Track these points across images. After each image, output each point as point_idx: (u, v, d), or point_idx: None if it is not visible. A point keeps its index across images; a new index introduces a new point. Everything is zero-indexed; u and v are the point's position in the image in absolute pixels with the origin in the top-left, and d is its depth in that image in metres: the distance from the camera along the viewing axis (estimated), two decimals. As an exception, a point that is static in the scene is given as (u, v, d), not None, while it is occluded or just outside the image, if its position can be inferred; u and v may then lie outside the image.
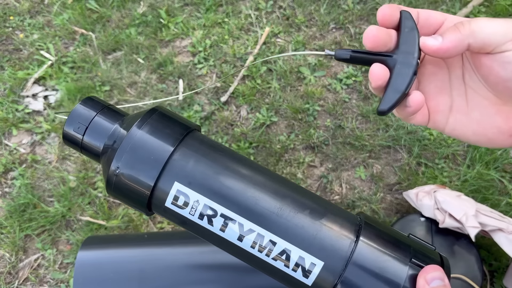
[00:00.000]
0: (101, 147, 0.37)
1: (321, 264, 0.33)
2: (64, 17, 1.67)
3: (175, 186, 0.33)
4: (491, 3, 1.63)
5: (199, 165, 0.34)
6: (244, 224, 0.33)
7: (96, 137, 0.37)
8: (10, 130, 1.45)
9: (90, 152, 0.38)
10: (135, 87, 1.51)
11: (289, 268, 0.33)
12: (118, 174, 0.34)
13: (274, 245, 0.33)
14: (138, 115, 0.36)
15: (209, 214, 0.33)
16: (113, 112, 0.38)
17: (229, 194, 0.34)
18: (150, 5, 1.68)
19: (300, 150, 1.36)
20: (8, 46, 1.64)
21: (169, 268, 0.58)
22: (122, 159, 0.34)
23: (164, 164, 0.33)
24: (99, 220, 1.27)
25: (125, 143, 0.34)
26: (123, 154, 0.34)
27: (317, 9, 1.64)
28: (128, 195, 0.35)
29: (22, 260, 1.24)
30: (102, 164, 0.37)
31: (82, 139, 0.37)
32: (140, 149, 0.34)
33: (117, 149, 0.34)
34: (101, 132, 0.37)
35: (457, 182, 1.28)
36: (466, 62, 0.35)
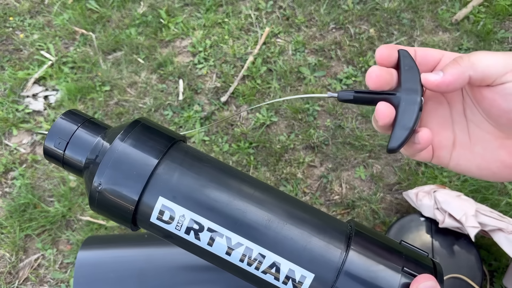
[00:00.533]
0: (83, 161, 0.35)
1: (311, 276, 0.32)
2: (64, 17, 1.67)
3: (159, 201, 0.33)
4: (491, 3, 1.63)
5: (184, 178, 0.33)
6: (232, 237, 0.32)
7: (77, 152, 0.35)
8: (11, 130, 1.45)
9: (72, 167, 0.36)
10: (135, 87, 1.51)
11: (279, 281, 0.33)
12: (100, 191, 0.33)
13: (263, 258, 0.32)
14: (121, 127, 0.35)
15: (195, 228, 0.33)
16: (95, 125, 0.37)
17: (215, 207, 0.33)
18: (150, 5, 1.69)
19: (300, 150, 1.36)
20: (9, 46, 1.64)
21: (169, 268, 0.58)
22: (104, 174, 0.32)
23: (148, 179, 0.32)
24: (99, 220, 1.27)
25: (107, 157, 0.33)
26: (105, 169, 0.32)
27: (317, 9, 1.64)
28: (112, 211, 0.34)
29: (22, 260, 1.24)
30: (85, 179, 0.36)
31: (63, 154, 0.36)
32: (123, 164, 0.33)
33: (99, 164, 0.33)
34: (83, 146, 0.35)
35: (457, 182, 1.28)
36: (466, 97, 0.35)
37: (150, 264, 0.57)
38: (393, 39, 1.57)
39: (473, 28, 1.58)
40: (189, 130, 1.34)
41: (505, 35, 1.57)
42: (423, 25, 1.60)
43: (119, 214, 0.34)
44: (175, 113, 1.45)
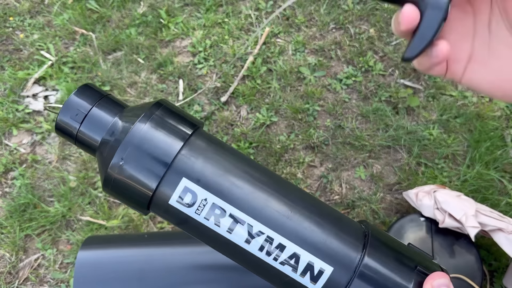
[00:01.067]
0: (99, 140, 0.34)
1: (330, 270, 0.32)
2: (64, 17, 1.67)
3: (182, 182, 0.32)
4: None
5: (209, 163, 0.33)
6: (254, 225, 0.32)
7: (93, 129, 0.34)
8: (10, 130, 1.45)
9: (86, 144, 0.35)
10: (135, 87, 1.51)
11: (296, 273, 0.32)
12: (121, 167, 0.32)
13: (283, 249, 0.32)
14: (142, 109, 0.34)
15: (216, 213, 0.32)
16: (112, 102, 0.36)
17: (240, 194, 0.32)
18: (150, 5, 1.69)
19: (300, 150, 1.36)
20: (8, 46, 1.64)
21: (169, 268, 0.58)
22: (127, 152, 0.31)
23: (173, 159, 0.32)
24: (99, 220, 1.27)
25: (130, 137, 0.32)
26: (127, 147, 0.31)
27: (317, 9, 1.64)
28: (128, 192, 0.33)
29: (22, 260, 1.24)
30: (99, 158, 0.35)
31: (78, 130, 0.34)
32: (147, 143, 0.31)
33: (122, 141, 0.32)
34: (100, 124, 0.34)
35: (457, 182, 1.28)
36: (495, 6, 0.33)
37: (150, 264, 0.57)
38: (393, 39, 1.57)
39: (473, 28, 1.58)
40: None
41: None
42: (423, 25, 1.60)
43: (136, 194, 0.32)
44: (175, 113, 1.45)
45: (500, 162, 1.29)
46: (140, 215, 1.27)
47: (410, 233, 1.07)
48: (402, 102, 1.43)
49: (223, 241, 0.33)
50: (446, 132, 1.38)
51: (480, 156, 1.30)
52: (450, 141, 1.35)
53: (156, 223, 1.27)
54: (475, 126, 1.37)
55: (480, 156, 1.30)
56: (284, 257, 0.32)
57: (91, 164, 1.37)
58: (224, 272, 0.57)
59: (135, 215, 1.27)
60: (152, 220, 1.27)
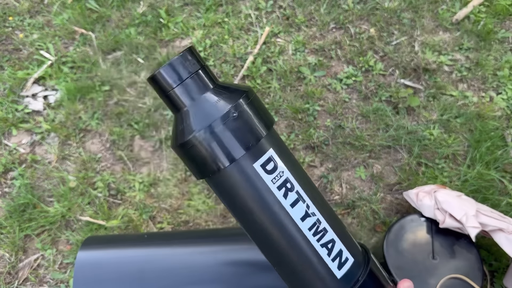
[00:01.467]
0: (187, 104, 0.36)
1: (352, 261, 0.37)
2: (63, 17, 1.67)
3: (270, 151, 0.36)
4: (491, 3, 1.63)
5: (283, 145, 0.38)
6: (311, 206, 0.36)
7: (186, 94, 0.36)
8: (10, 130, 1.45)
9: (174, 103, 0.37)
10: (135, 87, 1.51)
11: (329, 257, 0.36)
12: (235, 117, 0.35)
13: (325, 233, 0.36)
14: (236, 90, 0.37)
15: (287, 187, 0.36)
16: (207, 75, 0.38)
17: (305, 177, 0.38)
18: (150, 5, 1.68)
19: (300, 150, 1.36)
20: (8, 46, 1.64)
21: (169, 268, 0.58)
22: (226, 121, 0.34)
23: (267, 133, 0.36)
24: (99, 220, 1.26)
25: (227, 113, 0.35)
26: (237, 109, 0.35)
27: (317, 9, 1.64)
28: (212, 151, 0.35)
29: (22, 260, 1.24)
30: (184, 118, 0.37)
31: (173, 88, 0.36)
32: (248, 115, 0.35)
33: (217, 115, 0.35)
34: (193, 91, 0.36)
35: (457, 182, 1.28)
36: None
37: (150, 264, 0.57)
38: (394, 39, 1.57)
39: (473, 28, 1.58)
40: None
41: (505, 35, 1.57)
42: (424, 24, 1.60)
43: (220, 154, 0.35)
44: (175, 113, 1.44)
45: (501, 162, 1.29)
46: (140, 215, 1.27)
47: (411, 233, 1.06)
48: (402, 102, 1.42)
49: (281, 214, 0.36)
50: (446, 132, 1.37)
51: (481, 156, 1.30)
52: (451, 141, 1.35)
53: (156, 223, 1.27)
54: (475, 126, 1.36)
55: (480, 156, 1.30)
56: (325, 240, 0.36)
57: (91, 164, 1.36)
58: (224, 272, 0.57)
59: (134, 215, 1.27)
60: (152, 220, 1.27)
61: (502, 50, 1.54)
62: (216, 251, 0.61)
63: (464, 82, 1.48)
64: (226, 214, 1.27)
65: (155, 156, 1.39)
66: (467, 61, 1.52)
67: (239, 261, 0.59)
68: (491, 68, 1.49)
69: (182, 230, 1.22)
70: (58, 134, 1.43)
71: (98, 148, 1.41)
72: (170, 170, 1.34)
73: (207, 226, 1.25)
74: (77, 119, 1.45)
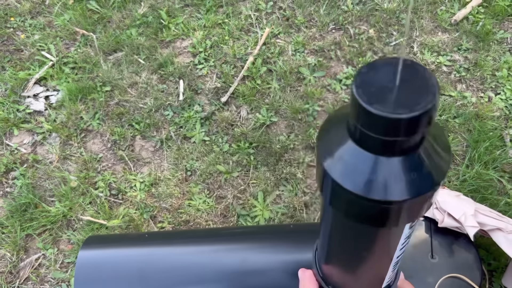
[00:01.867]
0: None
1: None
2: (65, 18, 1.67)
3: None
4: (490, 4, 1.64)
5: None
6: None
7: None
8: (11, 130, 1.45)
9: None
10: (135, 87, 1.51)
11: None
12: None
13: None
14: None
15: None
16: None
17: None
18: (150, 6, 1.69)
19: (300, 150, 1.37)
20: (9, 46, 1.65)
21: (169, 268, 0.58)
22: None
23: None
24: (100, 219, 1.27)
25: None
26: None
27: (317, 10, 1.65)
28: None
29: (23, 260, 1.24)
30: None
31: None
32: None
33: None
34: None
35: (456, 182, 1.28)
36: None
37: (150, 264, 0.58)
38: (393, 39, 1.58)
39: (472, 28, 1.58)
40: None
41: (504, 36, 1.57)
42: (423, 25, 1.60)
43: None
44: (175, 113, 1.45)
45: (499, 162, 1.30)
46: (141, 215, 1.27)
47: (410, 233, 1.07)
48: (401, 102, 1.43)
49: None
50: (445, 132, 1.38)
51: (479, 156, 1.30)
52: (449, 141, 1.35)
53: (157, 223, 1.27)
54: (474, 126, 1.37)
55: (479, 156, 1.30)
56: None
57: (92, 164, 1.37)
58: (224, 272, 0.57)
59: (135, 215, 1.27)
60: (153, 220, 1.28)
61: (501, 51, 1.54)
62: (216, 251, 0.61)
63: (463, 83, 1.49)
64: (226, 214, 1.28)
65: (156, 156, 1.39)
66: (465, 61, 1.53)
67: (239, 261, 0.59)
68: (489, 68, 1.50)
69: (182, 230, 1.22)
70: (60, 134, 1.43)
71: (99, 148, 1.41)
72: (171, 170, 1.35)
73: (207, 225, 1.26)
74: (78, 119, 1.46)
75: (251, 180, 1.32)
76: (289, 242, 0.64)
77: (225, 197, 1.30)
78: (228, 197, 1.29)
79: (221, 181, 1.32)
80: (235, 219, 1.26)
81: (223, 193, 1.31)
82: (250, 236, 0.68)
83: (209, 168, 1.33)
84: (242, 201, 1.29)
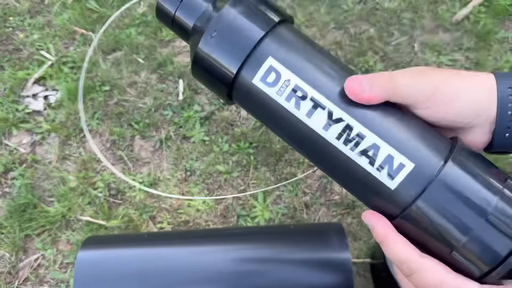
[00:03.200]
0: (191, 24, 0.36)
1: (411, 166, 0.29)
2: (64, 17, 1.67)
3: (268, 61, 0.32)
4: (491, 3, 1.63)
5: (295, 46, 0.33)
6: (334, 111, 0.31)
7: (188, 14, 0.36)
8: (10, 130, 1.45)
9: (181, 28, 0.37)
10: (135, 87, 1.51)
11: (373, 167, 0.30)
12: (209, 45, 0.32)
13: (362, 139, 0.30)
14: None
15: (298, 95, 0.31)
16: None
17: (323, 79, 0.31)
18: (150, 5, 1.69)
19: (300, 150, 1.36)
20: (8, 46, 1.64)
21: (169, 268, 0.58)
22: (216, 31, 0.32)
23: (261, 38, 0.32)
24: (99, 220, 1.27)
25: (219, 17, 0.33)
26: (216, 26, 0.32)
27: (317, 9, 1.64)
28: (213, 72, 0.33)
29: (22, 260, 1.24)
30: (192, 43, 0.36)
31: (174, 14, 0.36)
32: (235, 23, 0.32)
33: (210, 22, 0.33)
34: (193, 11, 0.35)
35: (457, 182, 1.28)
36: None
37: (150, 264, 0.57)
38: (393, 39, 1.57)
39: (473, 28, 1.58)
40: (189, 130, 1.33)
41: (505, 35, 1.57)
42: (423, 25, 1.60)
43: (220, 74, 0.33)
44: (175, 113, 1.45)
45: (501, 162, 1.29)
46: (140, 215, 1.27)
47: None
48: (402, 102, 1.42)
49: (300, 127, 0.32)
50: (446, 132, 1.38)
51: (480, 156, 1.30)
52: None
53: (156, 223, 1.27)
54: (475, 126, 1.36)
55: (480, 156, 1.30)
56: (362, 147, 0.30)
57: (91, 164, 1.36)
58: (224, 273, 0.57)
59: (135, 215, 1.27)
60: (152, 220, 1.27)
61: (502, 50, 1.54)
62: (216, 251, 0.61)
63: (464, 82, 1.48)
64: (226, 214, 1.27)
65: (155, 156, 1.39)
66: (467, 61, 1.52)
67: (239, 261, 0.59)
68: (491, 68, 1.49)
69: (182, 230, 1.22)
70: (59, 134, 1.43)
71: (98, 148, 1.41)
72: (170, 170, 1.34)
73: (207, 226, 1.26)
74: (78, 119, 1.45)
75: (251, 180, 1.32)
76: (289, 243, 0.63)
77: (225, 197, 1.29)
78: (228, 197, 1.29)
79: (221, 181, 1.32)
80: (235, 219, 1.26)
81: (223, 193, 1.30)
82: (250, 236, 0.67)
83: (209, 168, 1.33)
84: (242, 201, 1.29)
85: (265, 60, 0.32)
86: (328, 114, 0.31)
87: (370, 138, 0.30)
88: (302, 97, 0.31)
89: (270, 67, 0.32)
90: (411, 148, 0.30)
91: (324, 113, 0.31)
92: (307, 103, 0.31)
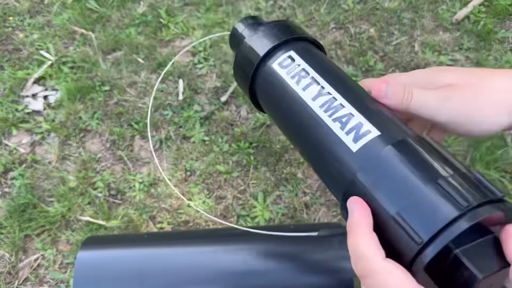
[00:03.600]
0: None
1: (376, 133, 0.33)
2: (64, 17, 1.67)
3: (290, 52, 0.41)
4: (491, 3, 1.63)
5: (311, 52, 0.42)
6: (326, 87, 0.38)
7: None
8: (10, 130, 1.45)
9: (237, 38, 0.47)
10: (135, 87, 1.51)
11: (342, 131, 0.35)
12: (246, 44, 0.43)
13: (340, 108, 0.36)
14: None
15: (301, 75, 0.39)
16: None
17: (327, 70, 0.40)
18: (150, 5, 1.68)
19: (300, 150, 1.36)
20: (8, 46, 1.64)
21: (169, 268, 0.58)
22: (253, 33, 0.43)
23: (290, 38, 0.42)
24: (99, 220, 1.26)
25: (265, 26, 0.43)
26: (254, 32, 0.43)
27: (317, 9, 1.64)
28: (246, 62, 0.43)
29: (22, 260, 1.24)
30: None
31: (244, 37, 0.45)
32: (268, 28, 0.43)
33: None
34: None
35: (457, 182, 1.28)
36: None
37: (150, 265, 0.57)
38: (394, 38, 1.57)
39: (473, 28, 1.58)
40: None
41: (505, 35, 1.57)
42: (424, 25, 1.60)
43: (252, 61, 0.42)
44: (175, 113, 1.45)
45: (501, 162, 1.29)
46: (140, 215, 1.27)
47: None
48: (402, 102, 1.42)
49: (294, 97, 0.39)
50: (446, 132, 1.37)
51: (481, 156, 1.30)
52: (451, 141, 1.35)
53: (156, 223, 1.27)
54: (475, 126, 1.36)
55: (480, 156, 1.30)
56: (338, 114, 0.36)
57: (91, 164, 1.36)
58: (224, 273, 0.57)
59: (134, 215, 1.27)
60: (152, 220, 1.27)
61: (502, 50, 1.54)
62: (216, 251, 0.61)
63: (464, 82, 1.48)
64: (226, 214, 1.27)
65: (155, 156, 1.39)
66: (467, 61, 1.52)
67: (239, 261, 0.59)
68: (491, 68, 1.49)
69: (182, 230, 1.22)
70: (58, 134, 1.43)
71: (98, 148, 1.41)
72: (170, 170, 1.34)
73: (207, 226, 1.25)
74: (77, 119, 1.45)
75: (251, 180, 1.32)
76: (289, 243, 0.63)
77: (224, 198, 1.29)
78: (228, 197, 1.29)
79: (220, 181, 1.32)
80: (235, 219, 1.26)
81: (223, 193, 1.30)
82: (250, 236, 0.67)
83: (209, 168, 1.33)
84: (242, 201, 1.28)
85: (287, 52, 0.41)
86: (321, 88, 0.38)
87: (348, 108, 0.36)
88: (304, 76, 0.39)
89: (290, 56, 0.41)
90: (380, 120, 0.35)
91: (317, 87, 0.38)
92: (306, 80, 0.39)
